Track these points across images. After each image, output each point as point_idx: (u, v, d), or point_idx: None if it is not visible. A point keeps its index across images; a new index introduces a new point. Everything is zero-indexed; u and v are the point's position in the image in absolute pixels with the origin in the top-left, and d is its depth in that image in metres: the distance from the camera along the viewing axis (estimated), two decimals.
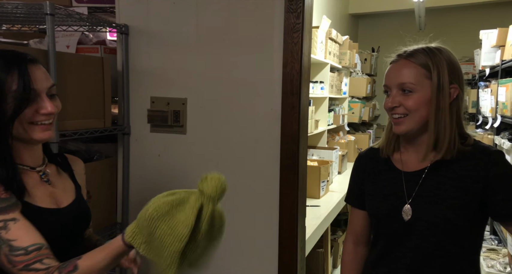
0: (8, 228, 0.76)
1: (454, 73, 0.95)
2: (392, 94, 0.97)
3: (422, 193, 0.96)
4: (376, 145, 1.09)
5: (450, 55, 0.96)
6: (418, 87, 0.94)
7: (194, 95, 1.65)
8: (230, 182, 1.66)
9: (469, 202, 0.93)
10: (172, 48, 1.65)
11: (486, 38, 3.53)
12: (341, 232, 3.33)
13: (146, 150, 1.73)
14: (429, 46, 0.97)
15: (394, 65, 0.99)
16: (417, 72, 0.94)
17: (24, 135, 0.84)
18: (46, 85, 0.86)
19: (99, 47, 1.75)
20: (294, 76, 1.49)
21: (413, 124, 0.95)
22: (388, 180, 1.02)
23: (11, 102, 0.80)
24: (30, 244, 0.77)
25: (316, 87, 3.12)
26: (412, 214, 0.95)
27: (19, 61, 0.82)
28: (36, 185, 0.88)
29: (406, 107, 0.94)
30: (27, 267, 0.75)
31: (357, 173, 1.12)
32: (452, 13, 5.06)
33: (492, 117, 3.26)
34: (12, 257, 0.75)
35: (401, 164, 1.02)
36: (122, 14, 1.69)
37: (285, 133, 1.52)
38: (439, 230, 0.93)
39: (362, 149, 4.31)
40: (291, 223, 1.54)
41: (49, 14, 1.28)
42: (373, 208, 1.04)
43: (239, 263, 1.64)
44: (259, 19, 1.53)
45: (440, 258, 0.95)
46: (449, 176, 0.95)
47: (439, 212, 0.93)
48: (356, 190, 1.11)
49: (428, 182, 0.97)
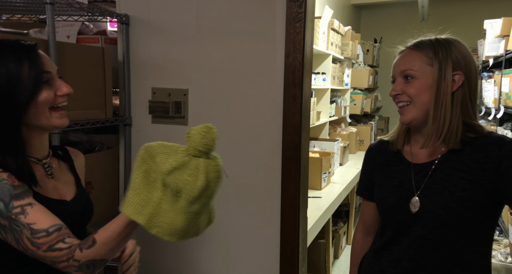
0: (26, 213, 0.78)
1: (460, 61, 0.94)
2: (396, 82, 0.99)
3: (431, 185, 0.96)
4: (386, 137, 1.09)
5: (459, 45, 0.96)
6: (419, 73, 0.94)
7: (196, 86, 1.64)
8: (232, 173, 1.67)
9: (478, 195, 0.91)
10: (173, 38, 1.64)
11: (491, 28, 3.49)
12: (342, 223, 3.35)
13: (147, 141, 1.70)
14: (437, 37, 0.98)
15: (400, 55, 1.01)
16: (419, 59, 0.95)
17: (45, 122, 0.85)
18: (55, 68, 0.89)
19: (99, 37, 1.74)
20: (296, 67, 1.47)
21: (416, 112, 0.95)
22: (397, 172, 1.02)
23: (27, 88, 0.81)
24: (50, 226, 0.78)
25: (318, 78, 3.10)
26: (419, 206, 0.95)
27: (28, 48, 0.83)
28: (42, 178, 0.89)
29: (408, 94, 0.96)
30: (51, 248, 0.77)
31: (366, 164, 1.13)
32: (455, 3, 5.01)
33: (495, 108, 3.24)
34: (35, 239, 0.77)
35: (411, 156, 1.02)
36: (122, 4, 1.67)
37: (287, 124, 1.51)
38: (445, 222, 0.93)
39: (364, 141, 4.32)
40: (293, 214, 1.54)
41: (49, 3, 1.26)
42: (380, 199, 1.04)
43: (240, 253, 1.65)
44: (261, 9, 1.51)
45: (445, 250, 0.95)
46: (459, 168, 0.94)
47: (447, 204, 0.92)
48: (366, 181, 1.12)
49: (437, 174, 0.96)
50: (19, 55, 0.82)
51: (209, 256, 1.70)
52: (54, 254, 0.77)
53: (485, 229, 0.97)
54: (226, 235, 1.67)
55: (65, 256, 0.77)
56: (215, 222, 0.92)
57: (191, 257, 1.72)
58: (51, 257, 0.77)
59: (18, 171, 0.81)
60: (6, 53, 0.81)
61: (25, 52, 0.82)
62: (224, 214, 1.65)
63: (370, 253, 1.10)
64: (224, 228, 1.66)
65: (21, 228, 0.77)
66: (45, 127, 0.87)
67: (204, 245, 1.70)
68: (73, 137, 1.66)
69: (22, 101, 0.81)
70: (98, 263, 0.79)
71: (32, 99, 0.82)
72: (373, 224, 1.14)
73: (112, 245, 0.79)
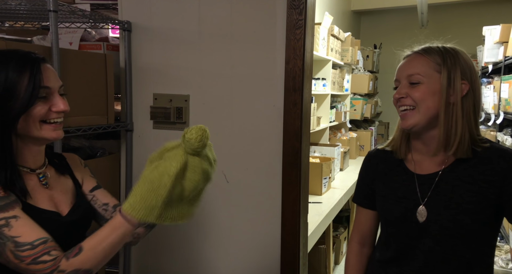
0: (10, 226, 0.77)
1: (465, 71, 0.94)
2: (400, 85, 0.97)
3: (436, 196, 0.95)
4: (387, 147, 1.06)
5: (465, 55, 0.96)
6: (426, 78, 0.93)
7: (197, 92, 1.65)
8: (232, 178, 1.67)
9: (484, 207, 0.91)
10: (175, 45, 1.65)
11: (489, 34, 3.51)
12: (343, 228, 3.34)
13: (149, 146, 1.73)
14: (444, 45, 0.97)
15: (406, 59, 0.99)
16: (426, 64, 0.94)
17: (36, 134, 0.85)
18: (58, 84, 0.88)
19: (101, 44, 1.75)
20: (297, 73, 1.49)
21: (419, 117, 0.93)
22: (400, 182, 1.00)
23: (21, 99, 0.81)
24: (36, 239, 0.77)
25: (318, 84, 3.12)
26: (426, 216, 0.94)
27: (32, 60, 0.84)
28: (35, 187, 0.88)
29: (413, 98, 0.93)
30: (34, 261, 0.76)
31: (366, 172, 1.09)
32: (454, 9, 5.04)
33: (494, 113, 3.25)
34: (19, 252, 0.76)
35: (413, 165, 1.00)
36: (124, 11, 1.69)
37: (288, 129, 1.52)
38: (453, 234, 0.92)
39: (364, 146, 4.32)
40: (294, 219, 1.55)
41: (52, 10, 1.28)
42: (385, 210, 1.02)
43: (241, 258, 1.65)
44: (262, 16, 1.53)
45: (454, 262, 0.94)
46: (464, 180, 0.93)
47: (454, 216, 0.92)
48: (366, 189, 1.09)
49: (442, 185, 0.95)
50: (22, 66, 0.82)
51: (210, 261, 1.70)
52: (38, 266, 0.76)
53: (490, 240, 0.96)
54: (227, 240, 1.67)
55: (49, 268, 0.76)
56: (216, 226, 0.92)
57: (192, 261, 1.72)
58: (34, 270, 0.76)
59: (6, 183, 0.81)
60: (12, 62, 0.82)
61: (29, 64, 0.83)
62: (225, 219, 1.65)
63: (376, 263, 1.08)
64: (225, 233, 1.66)
65: (4, 240, 0.76)
66: (37, 139, 0.86)
67: (205, 250, 1.70)
68: (75, 143, 1.67)
69: (14, 112, 0.81)
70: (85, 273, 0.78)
71: (24, 112, 0.82)
72: (370, 234, 1.11)
73: (99, 251, 0.78)
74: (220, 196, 1.64)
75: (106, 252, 0.79)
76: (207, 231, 1.68)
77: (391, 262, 1.02)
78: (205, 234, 1.69)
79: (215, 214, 1.66)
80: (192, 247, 1.71)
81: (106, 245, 0.79)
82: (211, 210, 1.66)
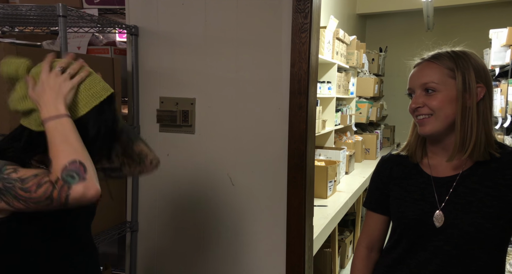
0: (17, 171, 0.83)
1: (480, 73, 0.93)
2: (416, 95, 0.96)
3: (455, 200, 0.94)
4: (402, 152, 1.05)
5: (476, 57, 0.95)
6: (442, 86, 0.92)
7: (203, 95, 1.66)
8: (238, 181, 1.68)
9: (505, 212, 0.91)
10: (181, 48, 1.67)
11: (496, 37, 3.50)
12: (349, 232, 3.33)
13: (155, 149, 1.73)
14: (454, 50, 0.96)
15: (417, 67, 0.98)
16: (440, 72, 0.93)
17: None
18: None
19: (109, 48, 1.77)
20: (302, 76, 1.49)
21: (438, 124, 0.93)
22: (417, 185, 1.00)
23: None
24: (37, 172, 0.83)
25: (324, 87, 3.12)
26: (444, 221, 0.93)
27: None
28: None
29: (430, 107, 0.93)
30: (39, 185, 0.80)
31: (379, 177, 1.08)
32: (461, 12, 5.02)
33: (502, 117, 3.23)
34: (25, 185, 0.81)
35: (429, 169, 0.99)
36: (132, 15, 1.71)
37: (293, 132, 1.53)
38: (471, 239, 0.92)
39: (369, 149, 4.30)
40: (299, 222, 1.55)
41: (61, 15, 1.30)
42: (400, 212, 1.00)
43: (247, 261, 1.65)
44: (267, 20, 1.54)
45: (471, 267, 0.93)
46: (484, 184, 0.93)
47: (474, 220, 0.91)
48: (378, 194, 1.08)
49: (461, 189, 0.94)
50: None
51: (216, 264, 1.70)
52: (43, 188, 0.80)
53: (504, 246, 0.96)
54: (232, 243, 1.68)
55: (49, 183, 0.80)
56: (222, 229, 0.93)
57: (197, 264, 1.73)
58: (42, 194, 0.80)
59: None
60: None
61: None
62: (230, 222, 1.66)
63: (382, 268, 1.07)
64: (231, 236, 1.67)
65: (13, 183, 0.81)
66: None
67: (211, 253, 1.70)
68: None
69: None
70: (76, 168, 0.81)
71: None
72: (380, 239, 1.10)
73: (62, 146, 0.83)
74: (226, 199, 1.65)
75: (64, 142, 0.84)
76: (212, 234, 1.69)
77: (399, 265, 1.01)
78: (211, 237, 1.69)
79: (221, 217, 1.67)
80: (198, 250, 1.72)
81: (58, 137, 0.84)
82: (216, 213, 1.67)
